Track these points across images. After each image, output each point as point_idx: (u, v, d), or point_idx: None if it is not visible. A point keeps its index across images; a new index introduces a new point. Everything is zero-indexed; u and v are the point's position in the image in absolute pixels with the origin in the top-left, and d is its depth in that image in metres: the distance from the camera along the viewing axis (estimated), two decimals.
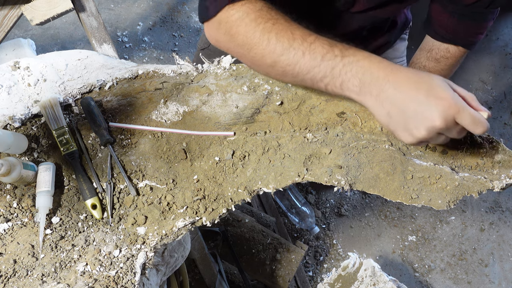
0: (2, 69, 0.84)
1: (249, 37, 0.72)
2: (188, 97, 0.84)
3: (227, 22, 0.74)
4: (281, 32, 0.71)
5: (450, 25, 1.01)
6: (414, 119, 0.64)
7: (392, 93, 0.65)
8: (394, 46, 1.33)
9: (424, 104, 0.63)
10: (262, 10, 0.72)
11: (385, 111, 0.67)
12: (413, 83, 0.64)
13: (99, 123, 0.78)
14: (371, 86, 0.67)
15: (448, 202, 0.71)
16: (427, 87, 0.63)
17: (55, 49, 2.12)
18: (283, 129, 0.81)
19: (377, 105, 0.68)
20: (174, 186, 0.76)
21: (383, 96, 0.66)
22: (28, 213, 0.73)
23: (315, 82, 0.72)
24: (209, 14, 0.76)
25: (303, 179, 0.75)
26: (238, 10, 0.73)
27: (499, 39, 2.44)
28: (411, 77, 0.65)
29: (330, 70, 0.69)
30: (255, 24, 0.71)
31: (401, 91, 0.65)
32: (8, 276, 0.67)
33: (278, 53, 0.71)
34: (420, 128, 0.64)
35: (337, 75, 0.69)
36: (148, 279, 0.75)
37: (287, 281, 1.41)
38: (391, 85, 0.65)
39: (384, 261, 1.88)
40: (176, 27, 2.31)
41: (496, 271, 1.90)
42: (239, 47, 0.75)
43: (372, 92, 0.67)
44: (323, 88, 0.72)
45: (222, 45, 0.78)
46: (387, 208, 1.98)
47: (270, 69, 0.74)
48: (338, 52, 0.69)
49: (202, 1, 0.78)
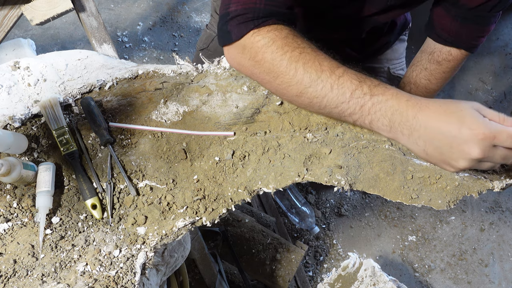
0: (2, 69, 0.84)
1: (275, 65, 0.71)
2: (188, 97, 0.84)
3: (252, 48, 0.73)
4: (309, 63, 0.70)
5: (453, 28, 1.01)
6: (450, 153, 0.64)
7: (424, 132, 0.65)
8: (393, 47, 1.33)
9: (458, 138, 0.63)
10: (288, 38, 0.71)
11: (421, 148, 0.67)
12: (443, 117, 0.64)
13: (99, 123, 0.78)
14: (402, 126, 0.67)
15: (448, 202, 0.71)
16: (457, 119, 0.63)
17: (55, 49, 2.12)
18: (283, 129, 0.81)
19: (410, 143, 0.68)
20: (174, 186, 0.76)
21: (416, 136, 0.66)
22: (28, 213, 0.73)
23: (342, 116, 0.72)
24: (231, 38, 0.75)
25: (303, 179, 0.75)
26: (264, 37, 0.72)
27: (499, 39, 2.44)
28: (440, 112, 0.65)
29: (359, 108, 0.69)
30: (282, 52, 0.70)
31: (432, 128, 0.65)
32: (8, 276, 0.67)
33: (306, 84, 0.70)
34: (460, 161, 0.64)
35: (366, 113, 0.69)
36: (148, 279, 0.75)
37: (287, 281, 1.41)
38: (422, 124, 0.65)
39: (384, 261, 1.88)
40: (176, 27, 2.31)
41: (496, 271, 1.90)
42: (265, 74, 0.74)
43: (404, 132, 0.67)
44: (351, 122, 0.72)
45: (246, 69, 0.77)
46: (387, 208, 1.98)
47: (296, 98, 0.73)
48: (367, 89, 0.68)
49: (222, 26, 0.76)
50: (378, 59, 1.33)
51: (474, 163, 0.64)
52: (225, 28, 0.75)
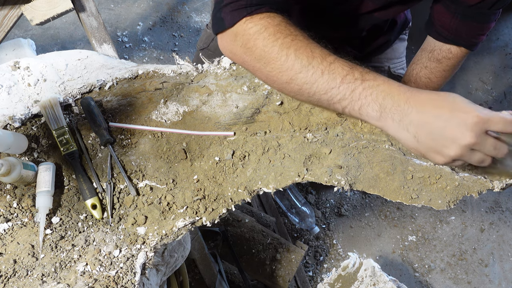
0: (2, 69, 0.84)
1: (266, 52, 0.71)
2: (188, 97, 0.84)
3: (244, 35, 0.73)
4: (300, 49, 0.69)
5: (453, 25, 1.01)
6: (442, 137, 0.63)
7: (415, 116, 0.64)
8: (393, 46, 1.33)
9: (450, 121, 0.62)
10: (280, 25, 0.71)
11: (411, 135, 0.66)
12: (435, 102, 0.64)
13: (99, 123, 0.78)
14: (393, 111, 0.66)
15: (448, 202, 0.71)
16: (449, 104, 0.63)
17: (55, 49, 2.12)
18: (283, 129, 0.81)
19: (400, 130, 0.67)
20: (174, 186, 0.76)
21: (407, 121, 0.65)
22: (28, 213, 0.73)
23: (331, 103, 0.71)
24: (225, 25, 0.74)
25: (303, 179, 0.75)
26: (257, 24, 0.71)
27: (499, 39, 2.44)
28: (432, 98, 0.64)
29: (350, 93, 0.68)
30: (273, 38, 0.70)
31: (424, 112, 0.64)
32: (8, 276, 0.67)
33: (296, 70, 0.70)
34: (451, 146, 0.63)
35: (357, 98, 0.68)
36: (148, 279, 0.75)
37: (287, 281, 1.41)
38: (414, 108, 0.64)
39: (384, 261, 1.88)
40: (176, 27, 2.31)
41: (496, 271, 1.90)
42: (256, 61, 0.73)
43: (394, 118, 0.66)
44: (339, 110, 0.71)
45: (238, 57, 0.77)
46: (387, 208, 1.98)
47: (286, 85, 0.73)
48: (358, 75, 0.68)
49: (216, 13, 0.76)
50: (378, 58, 1.33)
51: (465, 151, 0.63)
52: (218, 15, 0.75)
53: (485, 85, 2.34)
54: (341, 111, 0.71)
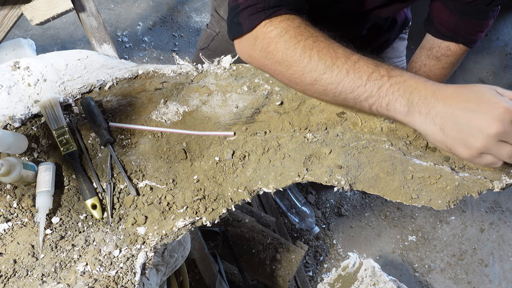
0: (2, 69, 0.84)
1: (289, 54, 0.71)
2: (188, 97, 0.84)
3: (265, 39, 0.72)
4: (323, 50, 0.69)
5: (451, 22, 1.01)
6: (469, 129, 0.63)
7: (442, 108, 0.65)
8: (393, 45, 1.33)
9: (477, 112, 0.62)
10: (300, 27, 0.71)
11: (438, 127, 0.66)
12: (462, 95, 0.64)
13: (99, 123, 0.78)
14: (420, 105, 0.66)
15: (448, 202, 0.71)
16: (475, 96, 0.63)
17: (55, 49, 2.12)
18: (283, 129, 0.81)
19: (427, 123, 0.67)
20: (174, 186, 0.76)
21: (433, 113, 0.65)
22: (28, 213, 0.73)
23: (358, 101, 0.71)
24: (243, 29, 0.74)
25: (303, 179, 0.75)
26: (277, 27, 0.71)
27: (499, 39, 2.44)
28: (458, 91, 0.65)
29: (377, 90, 0.68)
30: (295, 41, 0.70)
31: (451, 105, 0.64)
32: (8, 276, 0.67)
33: (320, 71, 0.70)
34: (478, 137, 0.62)
35: (384, 94, 0.68)
36: (148, 279, 0.75)
37: (287, 281, 1.41)
38: (440, 101, 0.65)
39: (384, 261, 1.88)
40: (176, 27, 2.31)
41: (496, 271, 1.90)
42: (277, 64, 0.73)
43: (422, 111, 0.66)
44: (367, 108, 0.71)
45: (257, 61, 0.76)
46: (387, 208, 1.98)
47: (310, 87, 0.73)
48: (384, 72, 0.68)
49: (232, 18, 0.76)
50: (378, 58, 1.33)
51: (492, 142, 0.62)
52: (236, 20, 0.75)
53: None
54: (368, 108, 0.71)
